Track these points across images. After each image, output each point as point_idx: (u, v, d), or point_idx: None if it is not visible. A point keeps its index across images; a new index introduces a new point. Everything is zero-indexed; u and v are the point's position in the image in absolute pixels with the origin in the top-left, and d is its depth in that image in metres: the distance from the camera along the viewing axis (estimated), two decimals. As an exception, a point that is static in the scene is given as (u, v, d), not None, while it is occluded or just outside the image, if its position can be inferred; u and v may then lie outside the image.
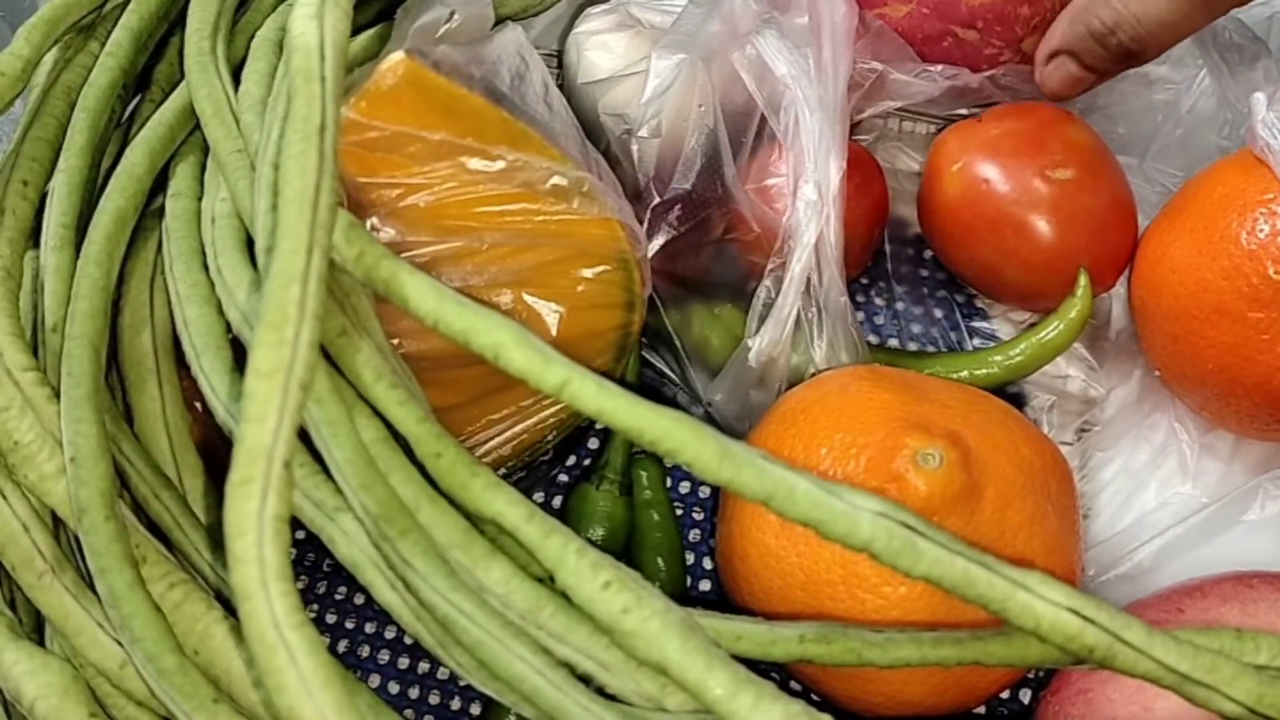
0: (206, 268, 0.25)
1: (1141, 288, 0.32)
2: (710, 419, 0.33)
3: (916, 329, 0.37)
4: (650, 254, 0.31)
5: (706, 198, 0.31)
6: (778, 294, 0.29)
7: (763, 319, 0.29)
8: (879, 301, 0.38)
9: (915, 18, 0.35)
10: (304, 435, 0.23)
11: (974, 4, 0.34)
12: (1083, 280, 0.32)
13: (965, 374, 0.33)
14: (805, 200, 0.28)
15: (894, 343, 0.37)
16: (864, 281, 0.38)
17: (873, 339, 0.37)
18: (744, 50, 0.30)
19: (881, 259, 0.38)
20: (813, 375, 0.30)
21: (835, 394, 0.28)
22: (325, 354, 0.23)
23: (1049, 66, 0.32)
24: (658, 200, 0.31)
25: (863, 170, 0.35)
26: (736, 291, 0.31)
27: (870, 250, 0.37)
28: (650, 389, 0.34)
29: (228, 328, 0.24)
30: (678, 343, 0.32)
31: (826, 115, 0.29)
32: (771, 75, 0.29)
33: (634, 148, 0.31)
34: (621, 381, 0.33)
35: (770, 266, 0.29)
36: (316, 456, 0.23)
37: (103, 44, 0.28)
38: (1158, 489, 0.32)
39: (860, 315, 0.37)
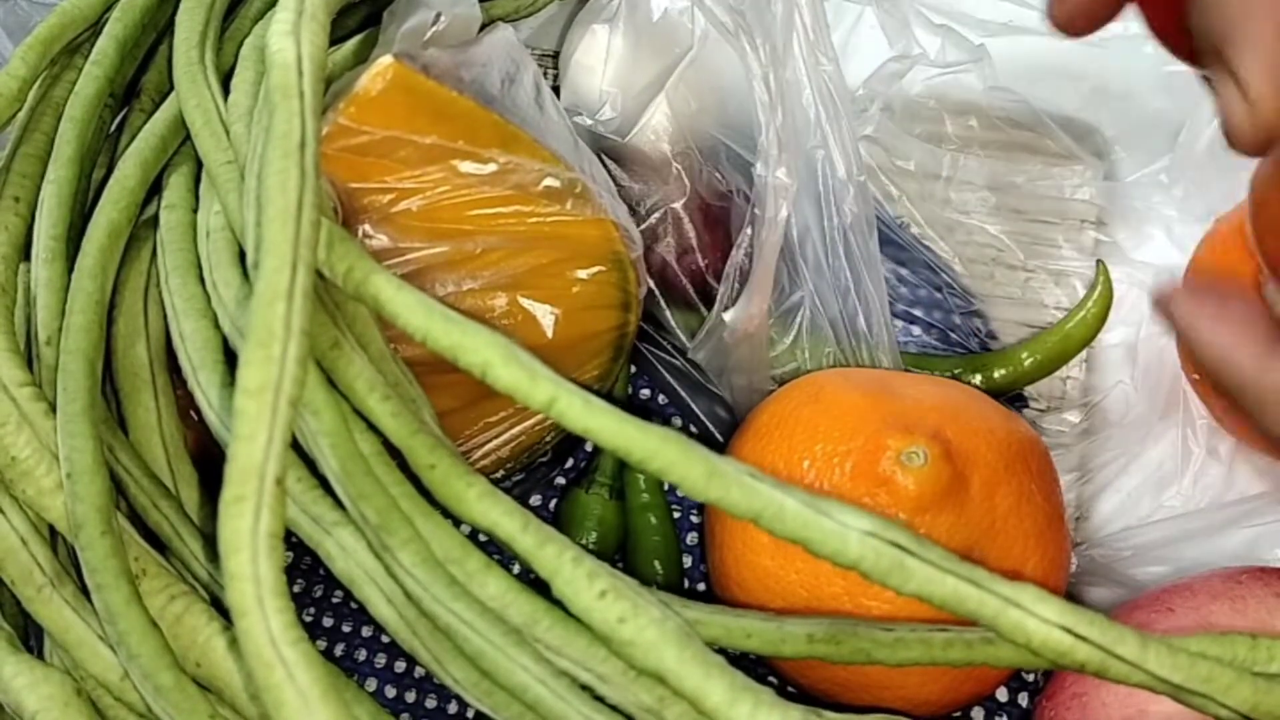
0: (202, 280, 0.25)
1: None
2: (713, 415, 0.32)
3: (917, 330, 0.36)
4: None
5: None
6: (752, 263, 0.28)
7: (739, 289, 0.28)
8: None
9: None
10: (304, 450, 0.23)
11: None
12: (1103, 271, 0.31)
13: (996, 374, 0.32)
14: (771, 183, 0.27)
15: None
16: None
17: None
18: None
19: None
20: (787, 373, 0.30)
21: (808, 403, 0.27)
22: (320, 367, 0.23)
23: None
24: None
25: None
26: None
27: None
28: (640, 408, 0.34)
29: (224, 340, 0.24)
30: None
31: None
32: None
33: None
34: (610, 394, 0.32)
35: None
36: (316, 472, 0.23)
37: (87, 55, 0.28)
38: (1158, 492, 0.31)
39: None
